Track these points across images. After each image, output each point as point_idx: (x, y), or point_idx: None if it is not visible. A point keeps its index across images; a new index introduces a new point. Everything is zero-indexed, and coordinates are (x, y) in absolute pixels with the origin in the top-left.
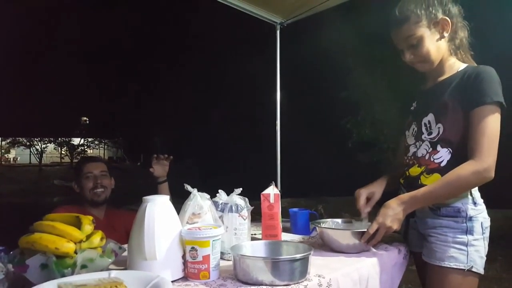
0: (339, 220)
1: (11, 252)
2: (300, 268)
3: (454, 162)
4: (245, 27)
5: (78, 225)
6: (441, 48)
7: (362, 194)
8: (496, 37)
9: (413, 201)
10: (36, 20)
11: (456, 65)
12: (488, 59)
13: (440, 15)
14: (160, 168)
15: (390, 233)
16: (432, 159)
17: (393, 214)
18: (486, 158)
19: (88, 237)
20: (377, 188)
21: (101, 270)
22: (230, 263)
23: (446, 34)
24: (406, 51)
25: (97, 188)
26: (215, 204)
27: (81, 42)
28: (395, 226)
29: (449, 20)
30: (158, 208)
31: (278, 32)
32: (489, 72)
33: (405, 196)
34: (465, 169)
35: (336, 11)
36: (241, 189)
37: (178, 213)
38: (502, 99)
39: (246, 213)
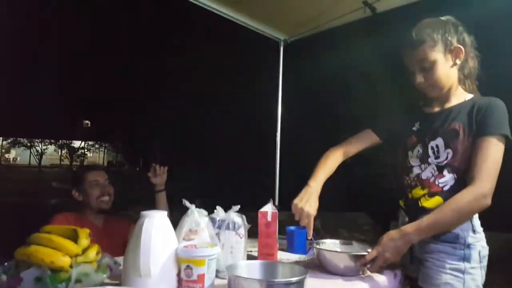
0: (337, 241)
1: (6, 264)
2: None
3: (456, 187)
4: (248, 43)
5: (74, 238)
6: (451, 75)
7: (312, 215)
8: (501, 68)
9: (417, 232)
10: (38, 21)
11: (463, 95)
12: (492, 90)
13: (455, 43)
14: (158, 178)
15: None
16: (436, 183)
17: (394, 246)
18: (484, 184)
19: (84, 250)
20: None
21: (95, 285)
22: (225, 282)
23: (458, 62)
24: (417, 73)
25: (104, 195)
26: (213, 220)
27: (83, 45)
28: (394, 258)
29: (463, 49)
30: (155, 224)
31: (281, 48)
32: (499, 105)
33: (409, 227)
34: (465, 196)
35: (340, 30)
36: (239, 206)
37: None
38: (509, 133)
39: (243, 231)
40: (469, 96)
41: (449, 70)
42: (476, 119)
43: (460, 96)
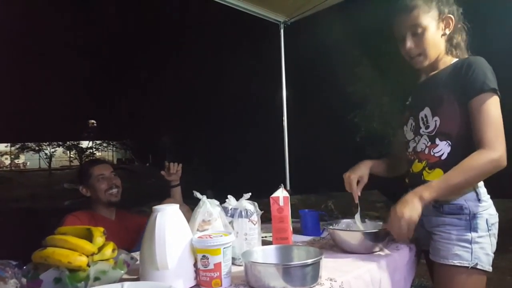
0: (351, 220)
1: (25, 267)
2: (312, 273)
3: (455, 154)
4: (248, 27)
5: (89, 237)
6: (440, 45)
7: (353, 178)
8: (496, 37)
9: (428, 188)
10: (41, 23)
11: (448, 61)
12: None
13: (446, 12)
14: (172, 176)
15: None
16: (432, 153)
17: (411, 205)
18: (498, 146)
19: (100, 249)
20: (364, 171)
21: (114, 282)
22: (242, 268)
23: (447, 32)
24: (408, 39)
25: (112, 188)
26: (225, 209)
27: (84, 44)
28: (415, 215)
29: (453, 18)
30: (168, 217)
31: (282, 31)
32: (479, 62)
33: (419, 188)
34: (479, 157)
35: (339, 7)
36: (250, 194)
37: (188, 219)
38: (496, 86)
39: (255, 218)
40: (454, 60)
41: (439, 39)
42: (460, 81)
43: (446, 63)
